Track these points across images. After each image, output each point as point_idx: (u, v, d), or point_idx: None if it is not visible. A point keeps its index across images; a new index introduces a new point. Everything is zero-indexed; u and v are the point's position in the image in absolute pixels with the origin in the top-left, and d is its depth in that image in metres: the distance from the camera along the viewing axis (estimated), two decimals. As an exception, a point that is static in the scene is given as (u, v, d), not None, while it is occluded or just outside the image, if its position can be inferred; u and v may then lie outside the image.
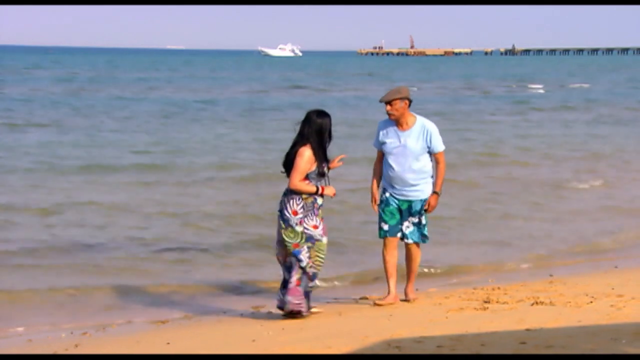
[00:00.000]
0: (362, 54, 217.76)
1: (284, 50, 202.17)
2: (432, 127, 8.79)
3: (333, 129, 8.47)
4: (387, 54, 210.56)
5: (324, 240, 8.43)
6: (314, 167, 8.32)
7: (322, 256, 8.45)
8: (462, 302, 8.81)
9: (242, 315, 9.09)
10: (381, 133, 8.81)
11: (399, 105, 8.66)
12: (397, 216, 8.85)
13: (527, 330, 7.24)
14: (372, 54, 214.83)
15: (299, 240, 8.37)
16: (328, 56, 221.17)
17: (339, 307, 8.99)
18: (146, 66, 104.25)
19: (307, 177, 8.34)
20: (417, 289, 9.76)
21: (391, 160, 8.77)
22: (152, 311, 9.55)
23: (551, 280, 10.03)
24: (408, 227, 8.87)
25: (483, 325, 7.51)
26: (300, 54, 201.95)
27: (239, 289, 10.41)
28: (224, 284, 10.70)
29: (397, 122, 8.75)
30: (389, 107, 8.67)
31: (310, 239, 8.38)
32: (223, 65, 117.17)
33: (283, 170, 8.52)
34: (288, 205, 8.36)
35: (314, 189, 8.34)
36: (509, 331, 7.23)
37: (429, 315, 8.22)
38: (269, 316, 8.82)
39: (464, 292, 9.37)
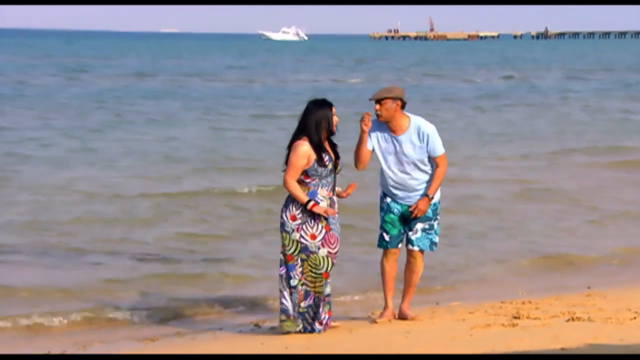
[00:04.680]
0: (375, 38, 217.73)
1: (288, 34, 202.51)
2: (429, 129, 8.68)
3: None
4: (404, 37, 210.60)
5: (321, 252, 8.29)
6: (312, 162, 8.23)
7: (317, 272, 8.31)
8: (488, 317, 8.79)
9: (240, 331, 9.09)
10: (372, 135, 8.68)
11: (389, 105, 8.56)
12: (399, 226, 8.82)
13: (562, 349, 7.23)
14: (386, 37, 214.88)
15: (292, 250, 8.29)
16: (338, 40, 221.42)
17: (349, 323, 8.97)
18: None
19: (308, 175, 8.25)
20: (437, 303, 9.75)
21: (389, 167, 8.70)
22: (139, 328, 9.55)
23: (589, 293, 10.00)
24: (415, 233, 8.82)
25: (512, 344, 7.49)
26: (306, 37, 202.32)
27: (237, 303, 10.41)
28: (221, 296, 10.69)
29: (389, 125, 8.67)
30: (377, 107, 8.58)
31: (305, 250, 8.28)
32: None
33: (284, 168, 8.40)
34: (287, 209, 8.30)
35: (304, 199, 8.19)
36: (542, 350, 7.22)
37: (450, 332, 8.21)
38: (271, 332, 8.82)
39: (490, 307, 9.35)
